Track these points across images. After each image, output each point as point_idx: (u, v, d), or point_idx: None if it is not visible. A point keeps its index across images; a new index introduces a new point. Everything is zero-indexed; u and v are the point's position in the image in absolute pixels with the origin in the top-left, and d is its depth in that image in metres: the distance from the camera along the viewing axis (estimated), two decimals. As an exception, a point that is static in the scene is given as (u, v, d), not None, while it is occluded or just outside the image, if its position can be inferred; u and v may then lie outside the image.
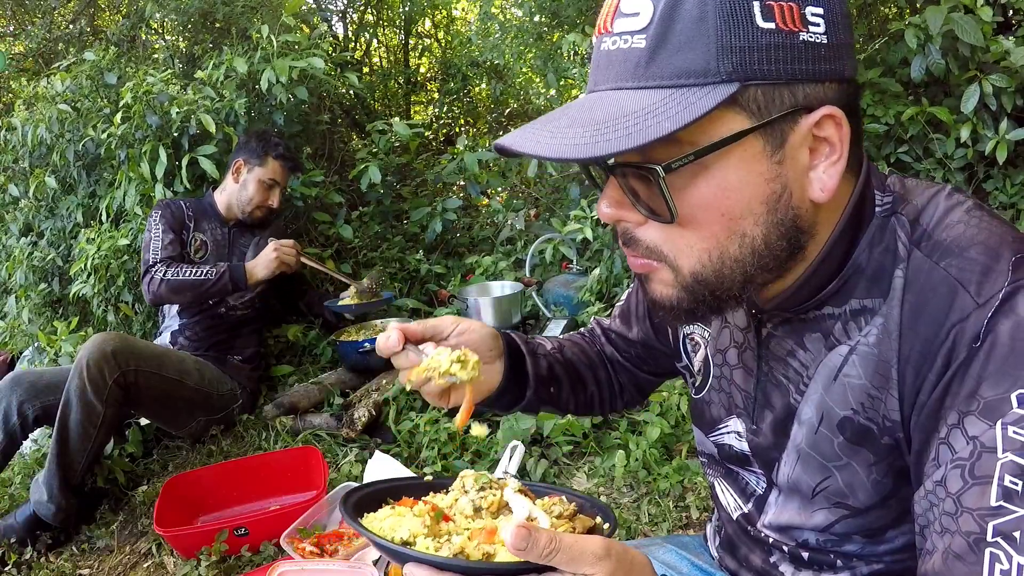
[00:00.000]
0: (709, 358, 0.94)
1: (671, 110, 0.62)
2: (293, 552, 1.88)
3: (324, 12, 5.25)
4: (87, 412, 2.27)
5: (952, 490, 0.65)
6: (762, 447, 0.87)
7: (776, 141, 0.66)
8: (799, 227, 0.71)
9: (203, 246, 2.90)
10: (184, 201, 2.96)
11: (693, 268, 0.70)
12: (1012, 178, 2.85)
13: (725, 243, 0.69)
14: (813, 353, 0.79)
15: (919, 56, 2.74)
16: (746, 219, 0.68)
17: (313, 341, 3.29)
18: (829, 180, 0.69)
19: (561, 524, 0.79)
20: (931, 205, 0.74)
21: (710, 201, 0.67)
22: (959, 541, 0.63)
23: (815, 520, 0.84)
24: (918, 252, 0.72)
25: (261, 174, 2.89)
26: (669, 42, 0.64)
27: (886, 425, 0.74)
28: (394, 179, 4.01)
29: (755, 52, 0.63)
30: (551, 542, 0.60)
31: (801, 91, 0.65)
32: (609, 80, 0.68)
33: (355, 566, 1.73)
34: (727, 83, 0.63)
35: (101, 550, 2.31)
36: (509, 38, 4.30)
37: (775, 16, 0.63)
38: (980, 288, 0.67)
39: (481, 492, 0.86)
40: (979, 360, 0.65)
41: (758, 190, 0.67)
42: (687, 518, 2.07)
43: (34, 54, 4.98)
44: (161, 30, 4.71)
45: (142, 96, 3.19)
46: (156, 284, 2.68)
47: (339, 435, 2.68)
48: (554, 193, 4.18)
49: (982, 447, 0.63)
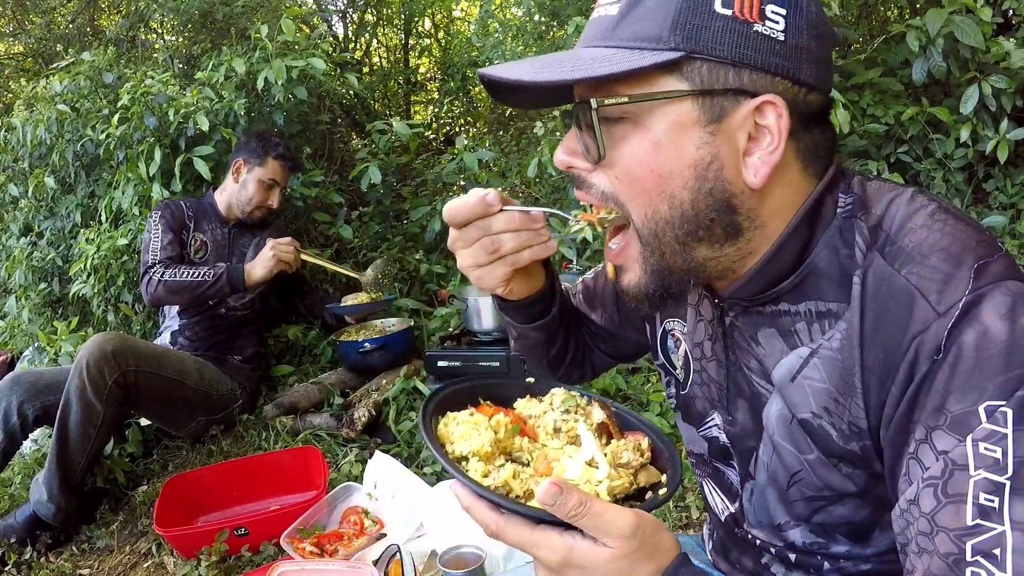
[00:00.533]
0: (688, 353, 0.95)
1: (615, 61, 0.69)
2: (293, 552, 1.88)
3: (324, 12, 5.25)
4: (87, 412, 2.27)
5: (926, 509, 0.64)
6: (739, 437, 0.88)
7: (712, 114, 0.70)
8: (731, 205, 0.73)
9: (203, 246, 2.90)
10: (184, 201, 2.96)
11: (640, 222, 0.75)
12: (1012, 178, 2.85)
13: (656, 201, 0.73)
14: (767, 349, 0.81)
15: (920, 59, 2.74)
16: (674, 180, 0.72)
17: (313, 341, 3.29)
18: (763, 167, 0.71)
19: (621, 476, 0.78)
20: (892, 209, 0.73)
21: (641, 156, 0.72)
22: (937, 563, 0.62)
23: (796, 511, 0.84)
24: (880, 258, 0.71)
25: (261, 174, 2.89)
26: (635, 12, 0.71)
27: (852, 431, 0.74)
28: (394, 179, 4.01)
29: (706, 31, 0.68)
30: (580, 505, 0.62)
31: (747, 75, 0.69)
32: (586, 41, 0.76)
33: (355, 566, 1.73)
34: (672, 51, 0.69)
35: (101, 550, 2.30)
36: (509, 37, 4.29)
37: (734, 4, 0.68)
38: (940, 297, 0.66)
39: (565, 414, 0.86)
40: (943, 373, 0.64)
41: (687, 153, 0.71)
42: (687, 518, 2.07)
43: (34, 54, 4.98)
44: (161, 30, 4.71)
45: (140, 97, 3.19)
46: (154, 285, 2.68)
47: (339, 435, 2.68)
48: (554, 193, 4.17)
49: (953, 465, 0.63)
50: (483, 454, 0.78)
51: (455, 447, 0.79)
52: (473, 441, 0.79)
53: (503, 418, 0.83)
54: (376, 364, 2.94)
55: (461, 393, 0.90)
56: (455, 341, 2.84)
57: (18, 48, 5.50)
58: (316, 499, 2.10)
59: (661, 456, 0.84)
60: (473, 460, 0.77)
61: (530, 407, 0.89)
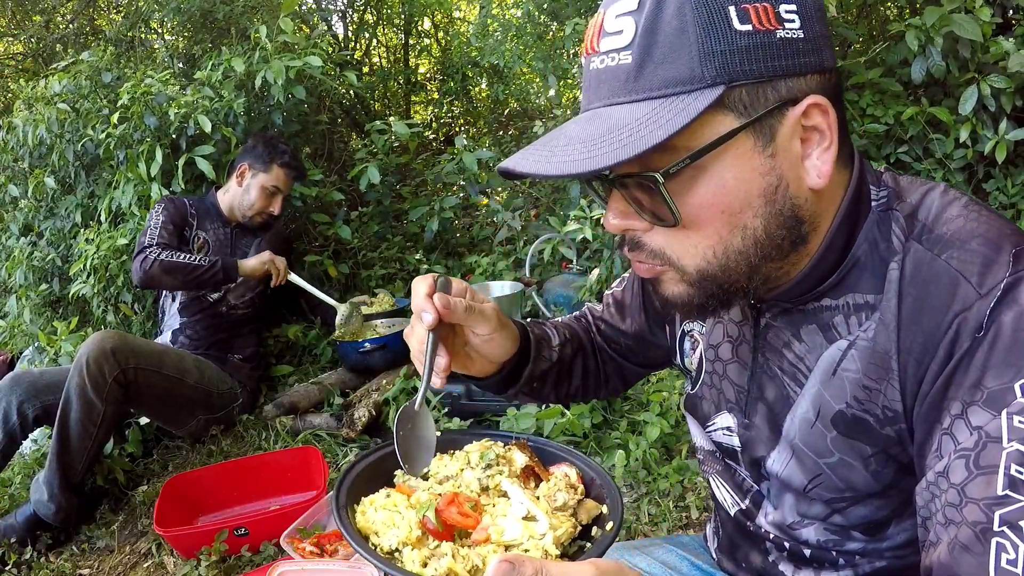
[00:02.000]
0: (703, 354, 0.95)
1: (662, 118, 0.65)
2: (293, 552, 1.88)
3: (324, 12, 5.25)
4: (87, 410, 2.27)
5: (956, 480, 0.65)
6: (753, 441, 0.87)
7: (766, 136, 0.68)
8: (799, 216, 0.72)
9: (205, 244, 2.91)
10: (188, 199, 2.97)
11: (698, 266, 0.73)
12: (1013, 178, 2.85)
13: (728, 238, 0.71)
14: (809, 345, 0.80)
15: (920, 58, 2.74)
16: (745, 212, 0.70)
17: (313, 341, 3.29)
18: (823, 166, 0.71)
19: (563, 521, 0.77)
20: (927, 200, 0.75)
21: (710, 201, 0.69)
22: (966, 531, 0.63)
23: (814, 511, 0.84)
24: (918, 246, 0.73)
25: (265, 180, 2.89)
26: (653, 55, 0.66)
27: (886, 416, 0.75)
28: (393, 179, 4.01)
29: (735, 54, 0.65)
30: (537, 574, 0.58)
31: (784, 86, 0.68)
32: (602, 98, 0.71)
33: (355, 566, 1.73)
34: (712, 87, 0.65)
35: (101, 550, 2.31)
36: (508, 37, 4.29)
37: (751, 18, 0.65)
38: (982, 279, 0.67)
39: (487, 469, 0.83)
40: (983, 350, 0.66)
41: (754, 184, 0.69)
42: (687, 518, 2.07)
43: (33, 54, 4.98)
44: (161, 30, 4.71)
45: (140, 97, 3.19)
46: (149, 263, 2.65)
47: (339, 435, 2.68)
48: (554, 193, 4.17)
49: (987, 437, 0.64)
50: (414, 541, 0.73)
51: (381, 540, 0.73)
52: (399, 529, 0.74)
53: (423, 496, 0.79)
54: (376, 364, 2.94)
55: (371, 471, 0.86)
56: (455, 341, 2.84)
57: (18, 48, 5.50)
58: (316, 499, 2.10)
59: (593, 484, 0.82)
60: (406, 551, 0.72)
61: (444, 467, 0.85)
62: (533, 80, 5.26)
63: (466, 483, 0.82)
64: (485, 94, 5.92)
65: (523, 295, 3.15)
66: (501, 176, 0.73)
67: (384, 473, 0.87)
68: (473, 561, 0.71)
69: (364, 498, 0.82)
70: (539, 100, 5.55)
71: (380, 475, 0.86)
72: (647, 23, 0.66)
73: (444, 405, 2.64)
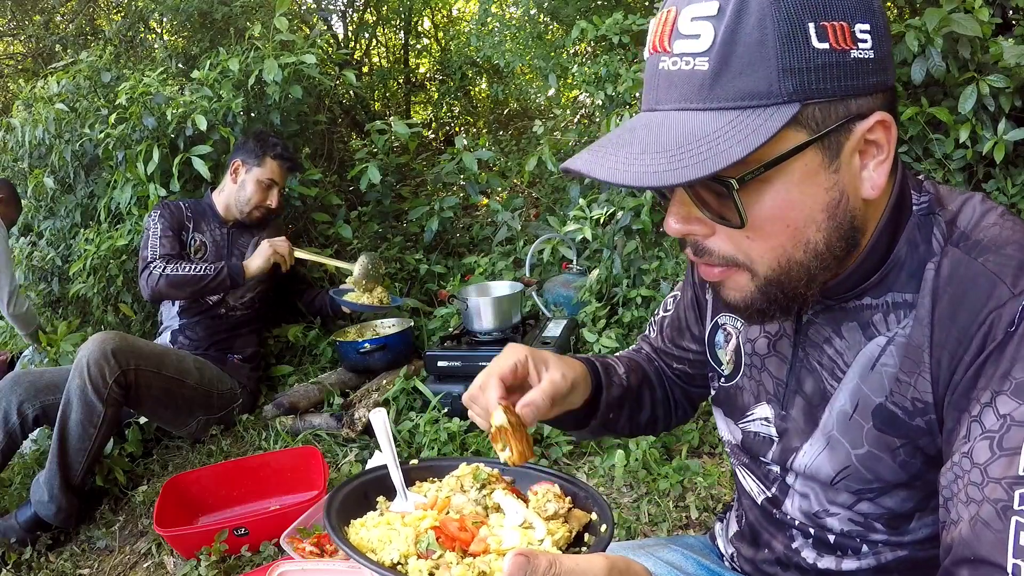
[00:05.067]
0: (740, 347, 0.97)
1: (740, 134, 0.66)
2: (293, 552, 1.88)
3: (324, 12, 5.25)
4: (87, 411, 2.27)
5: (979, 461, 0.67)
6: (789, 432, 0.90)
7: (832, 151, 0.70)
8: (855, 227, 0.75)
9: (203, 246, 2.91)
10: (183, 202, 2.97)
11: (767, 273, 0.75)
12: (1013, 178, 2.85)
13: (791, 251, 0.73)
14: (849, 342, 0.83)
15: (919, 59, 2.74)
16: (809, 227, 0.73)
17: (313, 341, 3.29)
18: (879, 178, 0.73)
19: (557, 527, 0.78)
20: (967, 208, 0.79)
21: (776, 213, 0.71)
22: (987, 508, 0.65)
23: (840, 500, 0.86)
24: (956, 250, 0.76)
25: (259, 174, 2.89)
26: (732, 65, 0.67)
27: (917, 407, 0.78)
28: (393, 179, 4.01)
29: (812, 72, 0.66)
30: (551, 566, 0.59)
31: (854, 104, 0.69)
32: (672, 100, 0.71)
33: (355, 566, 1.73)
34: (788, 104, 0.66)
35: (101, 550, 2.30)
36: (508, 37, 4.30)
37: (829, 37, 0.66)
38: (1016, 280, 0.71)
39: (483, 490, 0.84)
40: (1014, 343, 0.69)
41: (819, 200, 0.72)
42: (687, 518, 2.07)
43: (33, 54, 4.97)
44: (160, 30, 4.71)
45: (139, 97, 3.19)
46: (155, 279, 2.68)
47: (339, 435, 2.68)
48: (554, 193, 4.18)
49: (1012, 421, 0.66)
50: (417, 554, 0.74)
51: (380, 555, 0.74)
52: (398, 543, 0.75)
53: (416, 518, 0.80)
54: (376, 364, 2.94)
55: (353, 495, 0.87)
56: (455, 341, 2.84)
57: (17, 48, 5.50)
58: (316, 499, 2.10)
59: (577, 497, 0.85)
60: (412, 560, 0.73)
61: (438, 491, 0.86)
62: (533, 80, 5.26)
63: (459, 507, 0.83)
64: (485, 94, 5.93)
65: (523, 295, 3.15)
66: (564, 173, 0.73)
67: (367, 499, 0.88)
68: (479, 568, 0.71)
69: (354, 520, 0.82)
70: (539, 100, 5.55)
71: (363, 501, 0.87)
72: (727, 31, 0.66)
73: (444, 405, 2.64)
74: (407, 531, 0.76)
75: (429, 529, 0.77)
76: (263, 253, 2.83)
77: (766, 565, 0.98)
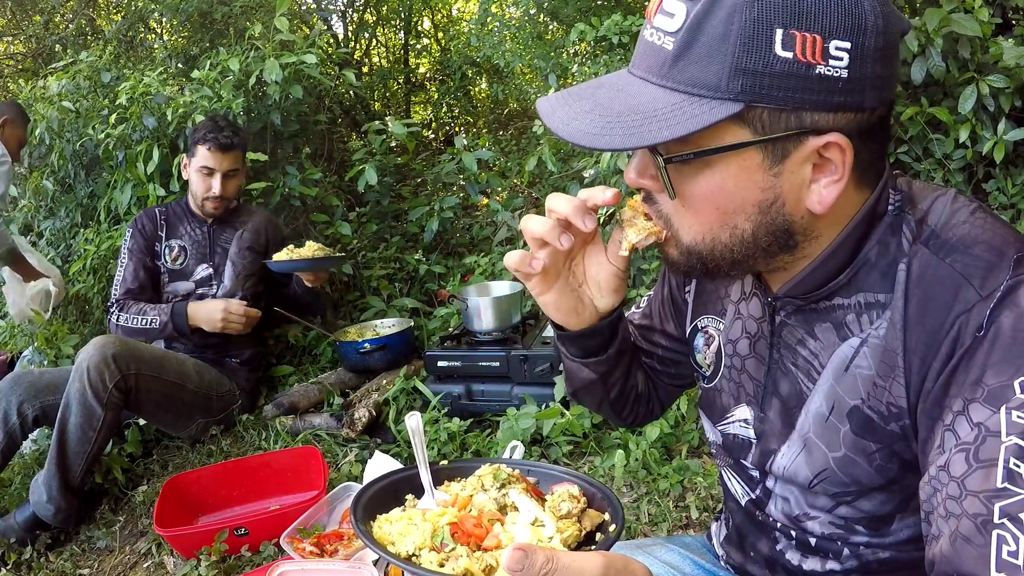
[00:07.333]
0: (721, 348, 0.97)
1: (676, 118, 0.68)
2: (293, 552, 1.88)
3: (324, 12, 5.25)
4: (87, 415, 2.27)
5: (956, 474, 0.67)
6: (767, 434, 0.90)
7: (776, 156, 0.71)
8: (790, 231, 0.76)
9: (182, 252, 2.88)
10: (160, 208, 2.94)
11: (688, 243, 0.78)
12: (1013, 178, 2.85)
13: (717, 231, 0.76)
14: (824, 343, 0.82)
15: (919, 59, 2.74)
16: (738, 215, 0.74)
17: (313, 341, 3.29)
18: (827, 196, 0.73)
19: (569, 526, 0.79)
20: (937, 205, 0.78)
21: (708, 195, 0.74)
22: (967, 523, 0.64)
23: (819, 504, 0.86)
24: (925, 250, 0.75)
25: (195, 164, 2.82)
26: (691, 51, 0.68)
27: (892, 412, 0.77)
28: (392, 179, 4.01)
29: (766, 78, 0.66)
30: (548, 562, 0.60)
31: (808, 117, 0.69)
32: (641, 69, 0.74)
33: (355, 566, 1.74)
34: (733, 101, 0.67)
35: (101, 550, 2.30)
36: (508, 37, 4.30)
37: (795, 47, 0.66)
38: (984, 282, 0.70)
39: (502, 489, 0.86)
40: (983, 349, 0.68)
41: (751, 195, 0.73)
42: (687, 518, 2.07)
43: (33, 54, 4.97)
44: (160, 30, 4.72)
45: (139, 97, 3.19)
46: (113, 327, 2.78)
47: (339, 435, 2.68)
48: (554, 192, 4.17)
49: (986, 431, 0.65)
50: (431, 547, 0.77)
51: (398, 547, 0.78)
52: (415, 537, 0.78)
53: (436, 513, 0.82)
54: (376, 364, 2.94)
55: (383, 492, 0.90)
56: (455, 341, 2.84)
57: (18, 48, 5.50)
58: (316, 499, 2.10)
59: (595, 497, 0.86)
60: (424, 552, 0.76)
61: (463, 490, 0.88)
62: (533, 80, 5.26)
63: (479, 506, 0.85)
64: (485, 94, 5.93)
65: (523, 295, 3.15)
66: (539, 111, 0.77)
67: (396, 496, 0.91)
68: (487, 562, 0.74)
69: (380, 515, 0.86)
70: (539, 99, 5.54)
71: (392, 497, 0.90)
72: (695, 19, 0.67)
73: (444, 405, 2.64)
74: (426, 526, 0.79)
75: (445, 525, 0.79)
76: (210, 321, 2.75)
77: (754, 567, 0.98)
